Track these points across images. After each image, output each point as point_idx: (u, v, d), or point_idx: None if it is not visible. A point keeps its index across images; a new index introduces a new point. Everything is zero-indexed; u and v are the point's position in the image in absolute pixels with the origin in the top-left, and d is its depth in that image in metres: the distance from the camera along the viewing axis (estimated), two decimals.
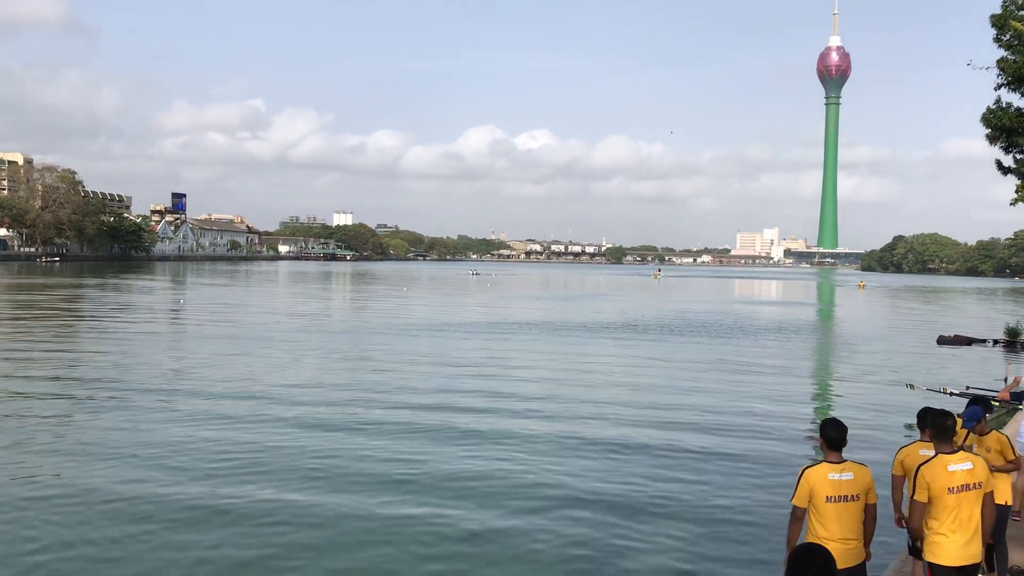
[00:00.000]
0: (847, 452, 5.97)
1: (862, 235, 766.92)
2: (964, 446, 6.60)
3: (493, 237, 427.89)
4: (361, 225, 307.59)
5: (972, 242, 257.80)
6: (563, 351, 29.74)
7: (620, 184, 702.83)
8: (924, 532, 6.06)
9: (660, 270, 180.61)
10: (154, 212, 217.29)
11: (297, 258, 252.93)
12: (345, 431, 15.43)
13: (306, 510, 10.71)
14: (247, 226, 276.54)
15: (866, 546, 5.90)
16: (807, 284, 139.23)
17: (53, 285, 68.31)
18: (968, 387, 19.52)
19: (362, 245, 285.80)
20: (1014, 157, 28.18)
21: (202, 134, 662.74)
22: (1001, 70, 26.71)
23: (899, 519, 6.61)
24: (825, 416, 6.57)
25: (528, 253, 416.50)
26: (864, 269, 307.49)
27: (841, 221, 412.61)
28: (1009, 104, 27.44)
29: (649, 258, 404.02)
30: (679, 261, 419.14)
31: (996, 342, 35.78)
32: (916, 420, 6.87)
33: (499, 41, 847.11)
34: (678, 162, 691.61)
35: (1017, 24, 25.01)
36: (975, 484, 5.87)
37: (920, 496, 5.89)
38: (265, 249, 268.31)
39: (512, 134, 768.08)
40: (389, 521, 10.46)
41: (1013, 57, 26.35)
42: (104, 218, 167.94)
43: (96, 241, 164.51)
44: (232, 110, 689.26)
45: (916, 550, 6.31)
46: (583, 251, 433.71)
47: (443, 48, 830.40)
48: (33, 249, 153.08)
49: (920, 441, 6.65)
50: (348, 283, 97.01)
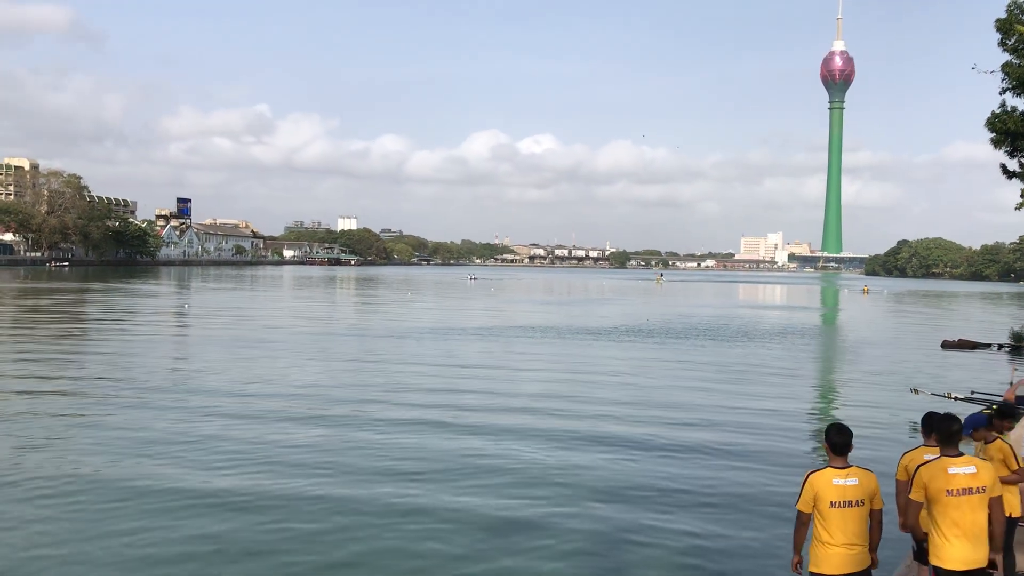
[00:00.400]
0: (852, 457, 5.97)
1: (866, 240, 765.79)
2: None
3: (497, 242, 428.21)
4: (365, 230, 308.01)
5: (976, 246, 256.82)
6: (567, 354, 29.76)
7: (624, 188, 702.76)
8: (922, 533, 6.06)
9: (662, 275, 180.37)
10: (159, 217, 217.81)
11: (302, 263, 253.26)
12: (359, 429, 15.77)
13: (319, 500, 11.13)
14: (252, 231, 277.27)
15: (872, 552, 5.88)
16: (811, 288, 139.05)
17: (66, 290, 68.65)
18: (973, 392, 19.47)
19: (366, 250, 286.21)
20: (1019, 161, 28.18)
21: (207, 139, 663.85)
22: (1006, 74, 26.74)
23: (903, 524, 6.60)
24: (829, 421, 6.56)
25: (532, 257, 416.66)
26: (868, 273, 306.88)
27: (845, 225, 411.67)
28: (1014, 108, 27.45)
29: (653, 263, 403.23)
30: (683, 266, 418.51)
31: (1001, 346, 35.71)
32: (920, 425, 6.87)
33: (503, 46, 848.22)
34: (681, 166, 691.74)
35: (1022, 28, 25.00)
36: (978, 488, 5.84)
37: (915, 495, 5.91)
38: (270, 254, 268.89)
39: (516, 139, 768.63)
40: (402, 511, 10.84)
41: (1018, 61, 26.37)
42: (109, 223, 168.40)
43: (101, 246, 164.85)
44: (237, 115, 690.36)
45: (921, 553, 6.30)
46: (587, 255, 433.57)
47: (447, 53, 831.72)
48: (39, 254, 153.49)
49: (924, 446, 6.63)
50: (353, 288, 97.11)
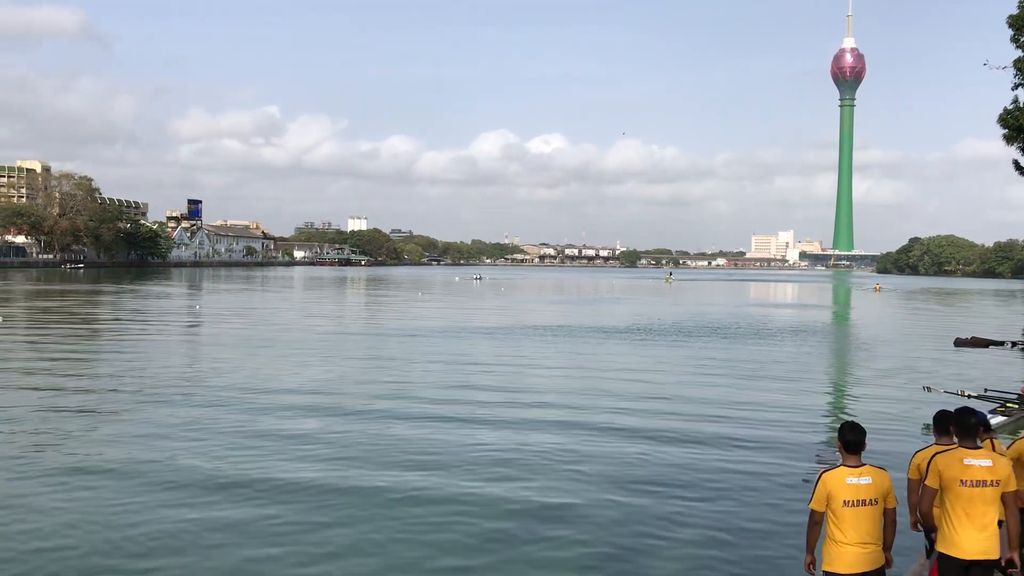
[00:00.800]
0: (865, 456, 5.98)
1: (877, 237, 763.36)
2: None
3: (507, 241, 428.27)
4: (375, 230, 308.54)
5: (989, 244, 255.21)
6: (578, 352, 29.80)
7: (633, 187, 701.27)
8: (934, 524, 6.09)
9: (672, 273, 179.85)
10: (170, 218, 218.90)
11: (312, 263, 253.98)
12: (387, 422, 16.22)
13: (346, 491, 11.38)
14: (262, 232, 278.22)
15: (886, 551, 5.90)
16: (822, 287, 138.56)
17: (85, 291, 69.27)
18: (986, 389, 19.38)
19: (376, 250, 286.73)
20: None
21: (217, 141, 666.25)
22: (1018, 70, 26.61)
23: (914, 523, 6.60)
24: (842, 419, 6.57)
25: (542, 257, 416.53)
26: (880, 271, 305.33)
27: (856, 223, 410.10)
28: None
29: (664, 261, 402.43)
30: (694, 264, 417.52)
31: (1014, 344, 35.49)
32: (932, 423, 6.85)
33: (511, 46, 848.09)
34: (691, 165, 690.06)
35: None
36: (993, 481, 5.89)
37: (931, 482, 5.98)
38: (280, 255, 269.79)
39: (525, 138, 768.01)
40: (431, 499, 11.27)
41: None
42: (121, 225, 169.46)
43: (113, 248, 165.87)
44: (247, 117, 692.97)
45: (932, 547, 6.30)
46: (597, 255, 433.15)
47: (456, 54, 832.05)
48: (51, 256, 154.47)
49: (936, 444, 6.62)
50: (363, 288, 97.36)
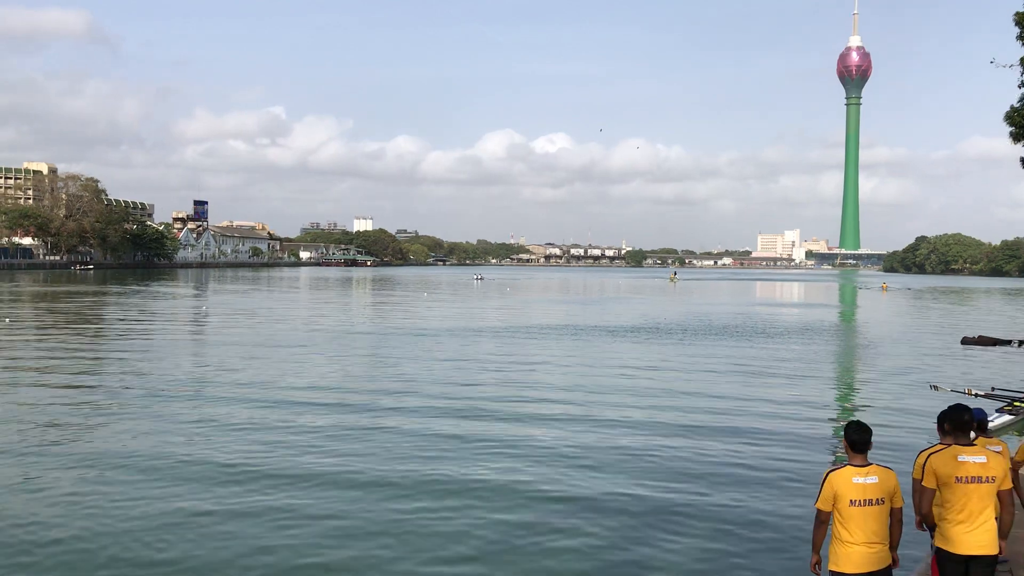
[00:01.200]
0: (872, 455, 5.98)
1: (884, 236, 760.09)
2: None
3: (512, 241, 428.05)
4: (381, 231, 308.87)
5: (996, 242, 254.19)
6: (585, 351, 29.79)
7: (639, 187, 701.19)
8: (935, 522, 6.11)
9: (676, 273, 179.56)
10: (176, 219, 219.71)
11: (318, 264, 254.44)
12: (403, 417, 15.92)
13: (330, 504, 11.04)
14: (268, 232, 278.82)
15: (893, 550, 5.89)
16: (829, 286, 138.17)
17: (96, 292, 69.42)
18: (994, 388, 19.32)
19: (382, 251, 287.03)
20: None
21: (223, 141, 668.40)
22: None
23: (920, 522, 6.60)
24: (849, 419, 6.57)
25: (547, 257, 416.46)
26: (886, 270, 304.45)
27: (862, 222, 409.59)
28: None
29: (670, 261, 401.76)
30: (700, 264, 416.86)
31: (1022, 343, 35.36)
32: (936, 423, 6.82)
33: (516, 46, 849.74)
34: (696, 164, 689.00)
35: None
36: (987, 478, 5.92)
37: (928, 482, 6.02)
38: (286, 255, 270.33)
39: (530, 138, 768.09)
40: (431, 493, 11.00)
41: None
42: (127, 226, 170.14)
43: (119, 249, 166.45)
44: (252, 118, 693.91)
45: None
46: (603, 254, 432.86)
47: (460, 54, 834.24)
48: (58, 257, 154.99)
49: (941, 443, 6.60)
50: (369, 288, 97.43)
